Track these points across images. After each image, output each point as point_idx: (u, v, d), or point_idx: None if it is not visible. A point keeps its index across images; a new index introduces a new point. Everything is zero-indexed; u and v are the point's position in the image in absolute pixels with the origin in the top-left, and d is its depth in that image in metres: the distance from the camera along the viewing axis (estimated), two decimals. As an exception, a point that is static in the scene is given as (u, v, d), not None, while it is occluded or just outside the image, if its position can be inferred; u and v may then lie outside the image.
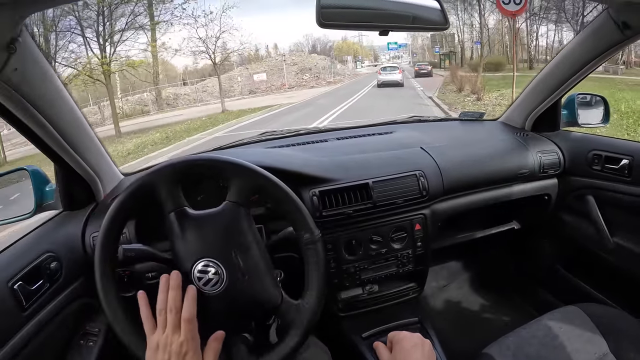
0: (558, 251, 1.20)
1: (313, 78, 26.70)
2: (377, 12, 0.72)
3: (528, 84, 1.07)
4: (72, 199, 0.86)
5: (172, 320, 0.55)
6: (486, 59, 21.35)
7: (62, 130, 0.75)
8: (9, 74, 0.61)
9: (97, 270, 0.62)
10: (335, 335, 0.89)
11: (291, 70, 27.45)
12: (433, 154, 0.93)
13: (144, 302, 0.58)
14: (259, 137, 1.15)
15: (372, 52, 44.26)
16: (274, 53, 33.90)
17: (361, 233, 0.89)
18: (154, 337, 0.56)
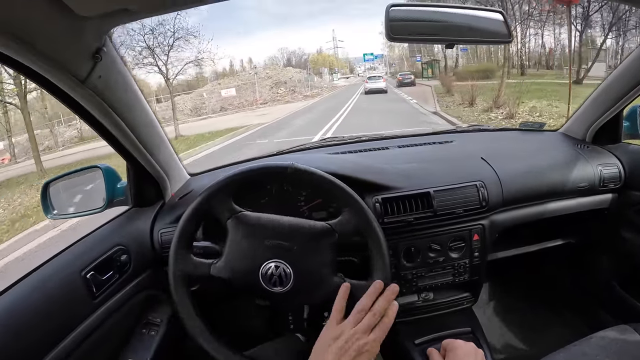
0: (615, 268, 1.16)
1: (288, 92, 24.88)
2: (443, 24, 0.74)
3: (589, 95, 1.04)
4: (142, 196, 0.91)
5: (369, 320, 0.59)
6: (474, 66, 20.62)
7: (137, 131, 0.80)
8: (94, 81, 0.66)
9: (171, 272, 0.68)
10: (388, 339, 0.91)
11: (265, 85, 25.77)
12: (493, 164, 0.92)
13: (343, 294, 0.62)
14: (320, 143, 1.18)
15: (348, 64, 43.90)
16: (249, 67, 32.60)
17: (420, 241, 0.89)
18: (339, 327, 0.59)
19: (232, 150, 8.39)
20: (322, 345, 0.59)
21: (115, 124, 0.76)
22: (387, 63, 36.34)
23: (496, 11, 0.77)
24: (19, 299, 0.67)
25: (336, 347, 0.57)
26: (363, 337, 0.58)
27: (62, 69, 0.60)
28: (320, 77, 33.97)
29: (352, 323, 0.59)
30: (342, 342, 0.57)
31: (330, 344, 0.57)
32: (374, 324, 0.59)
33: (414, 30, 0.72)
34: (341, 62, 43.50)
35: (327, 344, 0.58)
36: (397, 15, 0.71)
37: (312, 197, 0.87)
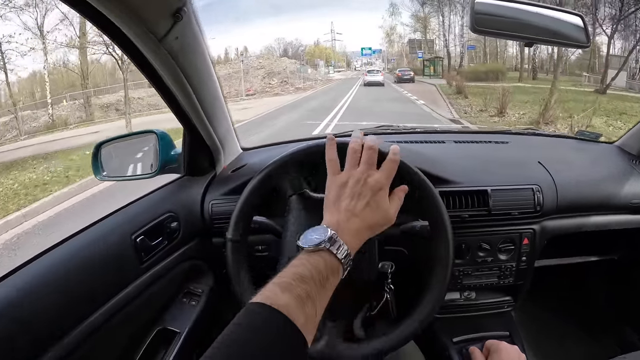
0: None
1: (281, 83, 23.12)
2: (525, 23, 0.73)
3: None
4: (195, 165, 0.91)
5: (368, 155, 0.54)
6: (483, 66, 20.02)
7: (203, 100, 0.80)
8: (170, 42, 0.65)
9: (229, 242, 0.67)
10: (426, 334, 0.91)
11: (257, 74, 24.15)
12: (550, 169, 0.92)
13: (330, 145, 0.58)
14: (376, 130, 1.17)
15: (345, 57, 42.67)
16: (245, 56, 30.39)
17: (471, 238, 0.89)
18: (342, 174, 0.55)
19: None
20: (332, 197, 0.53)
21: (183, 89, 0.75)
22: (386, 59, 35.63)
23: (577, 15, 0.76)
24: (70, 256, 0.67)
25: (349, 192, 0.52)
26: (372, 172, 0.54)
27: (140, 25, 0.59)
28: (315, 69, 31.85)
29: (353, 165, 0.55)
30: (352, 184, 0.53)
31: (340, 192, 0.53)
32: (375, 158, 0.55)
33: (497, 25, 0.72)
34: (338, 55, 42.53)
35: (337, 195, 0.53)
36: (482, 9, 0.71)
37: None
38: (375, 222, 0.52)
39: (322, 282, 0.42)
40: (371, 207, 0.51)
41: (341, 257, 0.46)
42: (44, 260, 0.64)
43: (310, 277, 0.41)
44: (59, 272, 0.63)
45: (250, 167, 0.92)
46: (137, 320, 0.79)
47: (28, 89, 15.87)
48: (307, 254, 0.45)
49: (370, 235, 0.53)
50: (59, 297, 0.61)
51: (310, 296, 0.40)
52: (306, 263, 0.43)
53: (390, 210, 0.54)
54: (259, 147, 1.08)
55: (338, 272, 0.45)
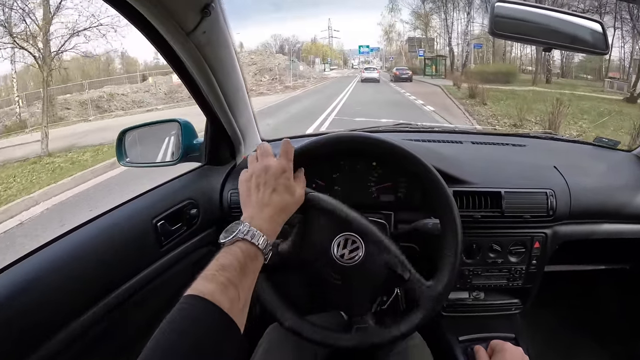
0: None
1: (272, 80, 21.71)
2: (544, 28, 0.74)
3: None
4: (216, 155, 0.94)
5: (263, 149, 0.61)
6: (492, 66, 18.45)
7: (226, 92, 0.83)
8: (198, 36, 0.69)
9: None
10: (432, 331, 0.92)
11: (249, 71, 22.22)
12: (565, 175, 0.93)
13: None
14: (394, 127, 1.20)
15: (342, 55, 41.47)
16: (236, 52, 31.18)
17: (483, 239, 0.90)
18: (245, 172, 0.60)
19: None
20: (244, 194, 0.58)
21: (208, 81, 0.78)
22: (384, 57, 34.70)
23: (596, 21, 0.77)
24: (93, 236, 0.70)
25: (254, 184, 0.57)
26: (270, 160, 0.59)
27: (170, 19, 0.62)
28: (310, 66, 31.02)
29: (252, 161, 0.61)
30: (255, 177, 0.58)
31: (248, 187, 0.58)
32: (269, 151, 0.61)
33: (517, 29, 0.73)
34: (335, 52, 41.47)
35: (246, 190, 0.58)
36: (502, 12, 0.73)
37: (383, 179, 0.89)
38: (285, 204, 0.57)
39: (242, 268, 0.47)
40: (278, 192, 0.57)
41: (257, 243, 0.51)
42: (70, 239, 0.67)
43: (229, 265, 0.47)
44: (83, 251, 0.66)
45: None
46: (153, 303, 0.81)
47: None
48: (227, 247, 0.50)
49: (286, 216, 0.58)
50: (82, 275, 0.64)
51: (232, 282, 0.45)
52: (226, 254, 0.48)
53: (297, 190, 0.60)
54: (279, 139, 1.10)
55: (257, 257, 0.51)
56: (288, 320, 0.67)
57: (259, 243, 0.51)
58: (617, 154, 1.12)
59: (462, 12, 23.80)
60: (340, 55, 42.17)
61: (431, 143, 1.07)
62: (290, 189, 0.59)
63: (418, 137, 1.12)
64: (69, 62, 12.82)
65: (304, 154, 0.69)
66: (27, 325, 0.55)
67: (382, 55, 35.08)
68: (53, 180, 5.58)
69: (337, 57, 41.71)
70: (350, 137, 0.71)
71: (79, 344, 0.62)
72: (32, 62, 10.05)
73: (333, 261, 0.65)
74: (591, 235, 0.94)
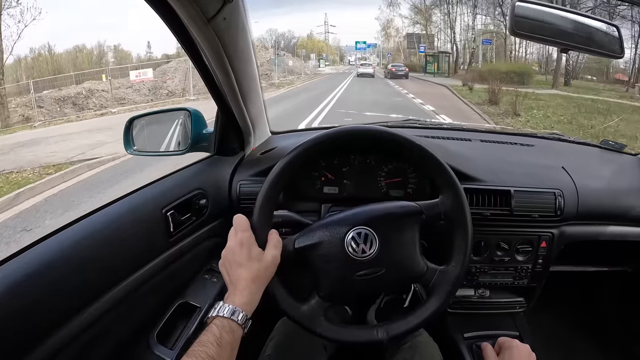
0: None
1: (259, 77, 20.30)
2: (562, 29, 0.75)
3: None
4: (225, 145, 0.93)
5: (231, 236, 0.65)
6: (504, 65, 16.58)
7: (240, 82, 0.82)
8: (218, 21, 0.68)
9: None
10: (438, 328, 0.93)
11: None
12: (574, 176, 0.94)
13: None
14: (403, 123, 1.19)
15: (339, 51, 40.69)
16: None
17: (490, 237, 0.91)
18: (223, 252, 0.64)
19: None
20: (225, 276, 0.63)
21: (224, 69, 0.77)
22: (381, 54, 33.97)
23: (612, 24, 0.78)
24: (104, 225, 0.68)
25: (225, 268, 0.63)
26: (231, 243, 0.64)
27: (193, 3, 0.61)
28: (304, 62, 29.45)
29: (231, 236, 0.65)
30: (226, 261, 0.63)
31: (224, 270, 0.63)
32: (238, 226, 0.64)
33: (536, 29, 0.74)
34: (332, 49, 40.40)
35: (225, 273, 0.63)
36: (522, 12, 0.73)
37: (393, 174, 0.89)
38: (254, 274, 0.61)
39: (219, 342, 0.53)
40: (244, 266, 0.61)
41: (230, 316, 0.56)
42: (78, 227, 0.66)
43: (207, 340, 0.52)
44: (95, 239, 0.65)
45: (280, 150, 0.94)
46: (161, 292, 0.81)
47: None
48: (209, 325, 0.56)
49: (263, 283, 0.62)
50: (90, 265, 0.63)
51: (210, 355, 0.50)
52: (206, 332, 0.54)
53: (266, 255, 0.63)
54: (289, 132, 1.10)
55: (232, 329, 0.56)
56: (319, 328, 0.66)
57: (233, 316, 0.56)
58: (623, 157, 1.14)
59: (465, 6, 22.63)
60: (337, 52, 41.34)
61: (440, 140, 1.08)
62: (254, 257, 0.62)
63: (427, 133, 1.12)
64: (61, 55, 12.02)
65: (315, 146, 0.68)
66: (34, 314, 0.54)
67: (379, 52, 34.51)
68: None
69: (334, 53, 40.71)
70: (365, 131, 0.71)
71: (88, 334, 0.61)
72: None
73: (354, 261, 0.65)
74: (597, 237, 0.96)
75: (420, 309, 0.66)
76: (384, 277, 0.65)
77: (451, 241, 0.68)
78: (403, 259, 0.67)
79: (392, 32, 31.68)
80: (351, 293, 0.69)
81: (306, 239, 0.67)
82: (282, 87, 16.92)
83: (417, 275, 0.67)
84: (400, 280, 0.70)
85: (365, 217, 0.67)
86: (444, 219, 0.68)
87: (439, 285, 0.66)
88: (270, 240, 0.65)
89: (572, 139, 1.24)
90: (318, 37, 39.15)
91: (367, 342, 0.66)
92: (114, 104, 12.88)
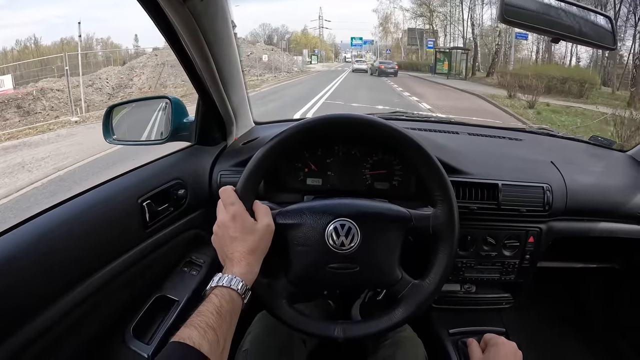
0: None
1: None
2: (553, 19, 0.73)
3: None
4: (206, 134, 0.90)
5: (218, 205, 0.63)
6: (553, 68, 12.33)
7: (220, 68, 0.79)
8: (195, 3, 0.65)
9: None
10: (423, 324, 0.91)
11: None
12: (563, 171, 0.92)
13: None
14: (390, 115, 1.17)
15: (334, 48, 39.21)
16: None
17: (477, 231, 0.90)
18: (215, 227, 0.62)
19: None
20: (219, 251, 0.61)
21: (203, 55, 0.74)
22: (378, 51, 32.36)
23: (605, 16, 0.76)
24: (74, 215, 0.66)
25: (219, 241, 0.61)
26: (221, 215, 0.61)
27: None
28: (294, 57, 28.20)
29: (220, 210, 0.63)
30: (218, 235, 0.61)
31: (218, 245, 0.61)
32: (226, 199, 0.62)
33: (526, 17, 0.72)
34: (327, 44, 38.70)
35: (219, 248, 0.61)
36: (512, 1, 0.71)
37: (378, 166, 0.87)
38: (250, 246, 0.59)
39: (219, 312, 0.50)
40: (238, 239, 0.59)
41: (229, 284, 0.54)
42: (48, 217, 0.63)
43: (206, 310, 0.50)
44: (62, 231, 0.63)
45: (262, 140, 0.91)
46: (138, 285, 0.79)
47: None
48: (208, 296, 0.54)
49: (260, 255, 0.60)
50: (62, 256, 0.61)
51: (210, 325, 0.48)
52: (204, 302, 0.52)
53: (258, 225, 0.61)
54: (272, 122, 1.08)
55: (232, 299, 0.53)
56: (278, 310, 0.65)
57: (232, 285, 0.54)
58: (612, 154, 1.13)
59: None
60: (332, 48, 39.96)
61: (428, 132, 1.06)
62: (248, 229, 0.60)
63: (415, 125, 1.10)
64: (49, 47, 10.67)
65: (298, 133, 0.66)
66: (2, 305, 0.52)
67: (376, 49, 33.12)
68: None
69: (329, 49, 39.12)
70: (346, 118, 0.68)
71: (58, 328, 0.59)
72: None
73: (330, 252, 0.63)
74: (585, 233, 0.94)
75: (384, 316, 0.64)
76: (356, 276, 0.64)
77: (432, 256, 0.66)
78: (380, 263, 0.65)
79: (391, 27, 30.38)
80: (319, 283, 0.68)
81: (289, 216, 0.65)
82: (258, 87, 13.80)
83: (389, 283, 0.65)
84: (371, 283, 0.69)
85: (353, 210, 0.65)
86: (432, 233, 0.66)
87: (408, 298, 0.64)
88: (259, 209, 0.63)
89: (561, 134, 1.22)
90: (313, 32, 37.78)
91: (322, 336, 0.65)
92: (70, 109, 10.03)
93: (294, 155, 0.86)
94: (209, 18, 0.70)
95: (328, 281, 0.66)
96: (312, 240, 0.64)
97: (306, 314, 0.67)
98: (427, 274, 0.65)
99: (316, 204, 0.68)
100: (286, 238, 0.65)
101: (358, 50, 36.14)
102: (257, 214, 0.63)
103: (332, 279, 0.64)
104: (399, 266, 0.66)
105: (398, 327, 0.65)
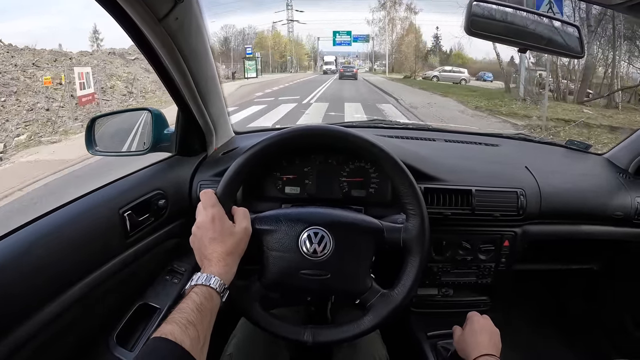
0: (630, 302, 1.18)
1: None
2: (521, 29, 0.74)
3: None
4: (186, 145, 0.92)
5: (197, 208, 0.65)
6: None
7: (198, 82, 0.81)
8: (170, 22, 0.67)
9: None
10: (400, 327, 0.93)
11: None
12: (537, 175, 0.94)
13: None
14: (368, 123, 1.19)
15: (313, 52, 30.82)
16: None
17: (452, 236, 0.91)
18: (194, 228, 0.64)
19: None
20: (197, 252, 0.63)
21: (180, 69, 0.76)
22: (372, 56, 27.10)
23: (572, 25, 0.77)
24: (55, 227, 0.67)
25: (198, 242, 0.62)
26: (199, 217, 0.64)
27: (142, 3, 0.60)
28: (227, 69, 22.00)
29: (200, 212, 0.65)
30: (196, 237, 0.63)
31: (196, 246, 0.63)
32: (206, 201, 0.64)
33: (493, 29, 0.73)
34: (303, 46, 29.78)
35: (197, 248, 0.63)
36: (479, 11, 0.72)
37: (354, 174, 0.88)
38: (229, 247, 0.61)
39: (199, 309, 0.52)
40: (218, 240, 0.61)
41: (209, 283, 0.56)
42: (30, 229, 0.65)
43: (187, 307, 0.52)
44: (43, 243, 0.64)
45: (241, 150, 0.92)
46: (120, 294, 0.80)
47: None
48: (188, 294, 0.55)
49: (237, 257, 0.62)
50: (43, 267, 0.62)
51: (190, 321, 0.49)
52: (185, 299, 0.54)
53: (236, 228, 0.63)
54: (252, 132, 1.09)
55: (212, 296, 0.55)
56: (250, 312, 0.67)
57: (211, 283, 0.56)
58: (588, 157, 1.14)
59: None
60: (310, 52, 30.64)
61: (404, 140, 1.07)
62: (227, 231, 0.62)
63: (391, 133, 1.12)
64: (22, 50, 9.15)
65: (273, 145, 0.68)
66: None
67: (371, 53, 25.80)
68: None
69: (302, 52, 29.86)
70: (323, 130, 0.71)
71: (42, 336, 0.60)
72: None
73: (303, 258, 0.65)
74: (561, 236, 0.96)
75: (352, 324, 0.66)
76: (327, 282, 0.66)
77: (401, 267, 0.68)
78: (351, 272, 0.67)
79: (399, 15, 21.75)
80: (291, 288, 0.70)
81: (265, 222, 0.67)
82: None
83: (358, 292, 0.67)
84: (341, 291, 0.70)
85: (327, 219, 0.67)
86: (402, 246, 0.68)
87: (376, 307, 0.66)
88: (238, 213, 0.65)
89: (538, 138, 1.24)
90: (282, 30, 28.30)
91: (291, 340, 0.67)
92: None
93: (273, 164, 0.88)
94: (184, 35, 0.72)
95: (300, 286, 0.68)
96: (286, 246, 0.66)
97: (278, 317, 0.69)
98: (396, 285, 0.67)
99: (292, 211, 0.70)
100: (262, 243, 0.67)
101: (345, 56, 26.93)
102: (235, 217, 0.65)
103: (304, 284, 0.66)
104: (369, 275, 0.68)
105: (366, 335, 0.67)
